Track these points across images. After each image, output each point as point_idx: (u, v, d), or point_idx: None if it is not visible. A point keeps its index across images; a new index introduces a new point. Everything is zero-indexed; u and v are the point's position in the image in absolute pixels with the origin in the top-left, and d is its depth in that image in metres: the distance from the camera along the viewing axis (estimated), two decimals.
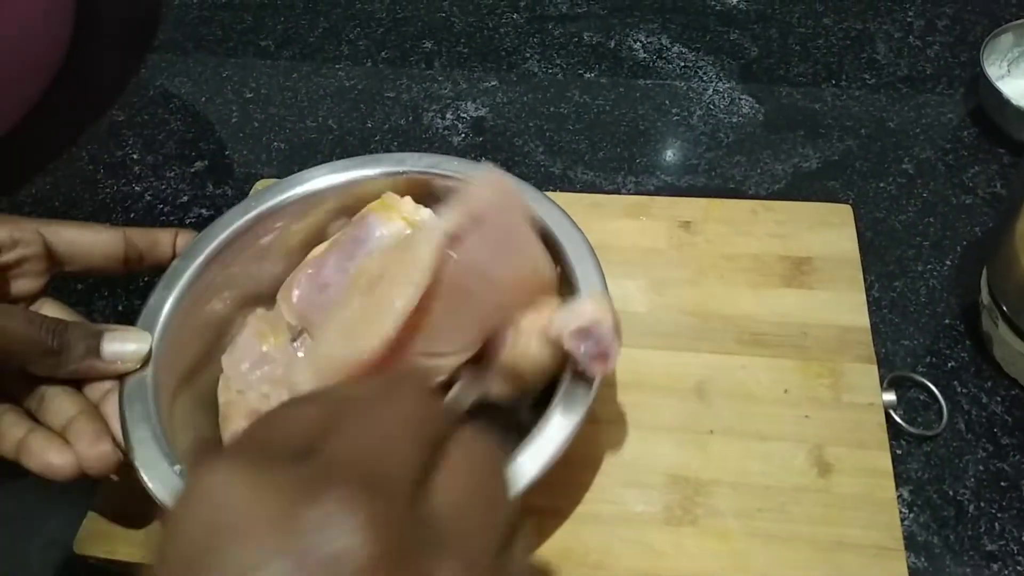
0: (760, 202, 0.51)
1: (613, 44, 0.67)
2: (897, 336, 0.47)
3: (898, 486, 0.40)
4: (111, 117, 0.66)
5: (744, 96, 0.61)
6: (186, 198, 0.59)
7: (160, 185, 0.60)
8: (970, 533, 0.40)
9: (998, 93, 0.54)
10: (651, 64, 0.65)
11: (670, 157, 0.58)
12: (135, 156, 0.63)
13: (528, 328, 0.36)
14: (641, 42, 0.67)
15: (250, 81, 0.67)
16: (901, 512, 0.39)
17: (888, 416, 0.42)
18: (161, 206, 0.59)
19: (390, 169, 0.44)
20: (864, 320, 0.44)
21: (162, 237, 0.41)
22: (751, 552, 0.37)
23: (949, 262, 0.50)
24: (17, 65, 0.61)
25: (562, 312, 0.35)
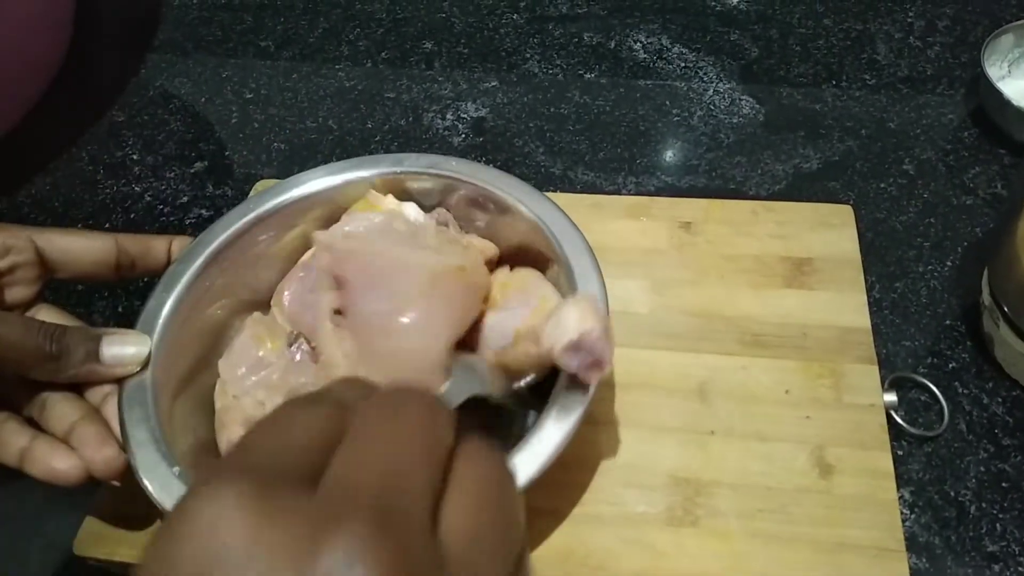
0: (761, 203, 0.51)
1: (613, 44, 0.67)
2: (898, 337, 0.47)
3: (899, 487, 0.40)
4: (111, 117, 0.66)
5: (744, 97, 0.61)
6: (186, 199, 0.59)
7: (160, 186, 0.60)
8: (971, 534, 0.40)
9: (999, 94, 0.53)
10: (651, 65, 0.65)
11: (670, 158, 0.58)
12: (135, 157, 0.63)
13: (524, 334, 0.37)
14: (641, 43, 0.67)
15: (250, 81, 0.67)
16: (902, 513, 0.39)
17: (889, 417, 0.42)
18: (161, 207, 0.59)
19: (389, 170, 0.44)
20: (865, 321, 0.44)
21: (155, 244, 0.41)
22: (752, 553, 0.37)
23: (950, 263, 0.50)
24: (17, 65, 0.61)
25: (549, 327, 0.34)
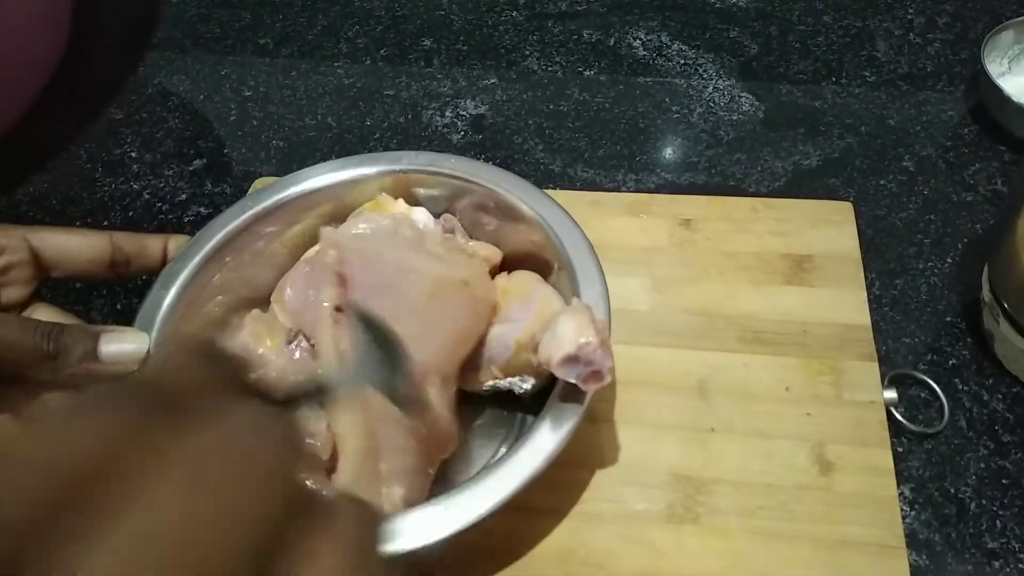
0: (761, 200, 0.51)
1: (613, 42, 0.67)
2: (898, 334, 0.47)
3: (899, 484, 0.40)
4: (109, 115, 0.66)
5: (744, 94, 0.61)
6: (184, 196, 0.59)
7: (159, 183, 0.60)
8: (971, 531, 0.40)
9: (999, 90, 0.53)
10: (651, 62, 0.65)
11: (670, 155, 0.58)
12: (133, 154, 0.63)
13: (524, 343, 0.37)
14: (641, 40, 0.67)
15: (249, 79, 0.67)
16: (902, 510, 0.39)
17: (889, 414, 0.42)
18: (160, 204, 0.59)
19: (388, 168, 0.44)
20: (865, 318, 0.44)
21: (151, 242, 0.41)
22: (753, 550, 0.37)
23: (950, 259, 0.50)
24: (16, 64, 0.61)
25: (546, 338, 0.35)
